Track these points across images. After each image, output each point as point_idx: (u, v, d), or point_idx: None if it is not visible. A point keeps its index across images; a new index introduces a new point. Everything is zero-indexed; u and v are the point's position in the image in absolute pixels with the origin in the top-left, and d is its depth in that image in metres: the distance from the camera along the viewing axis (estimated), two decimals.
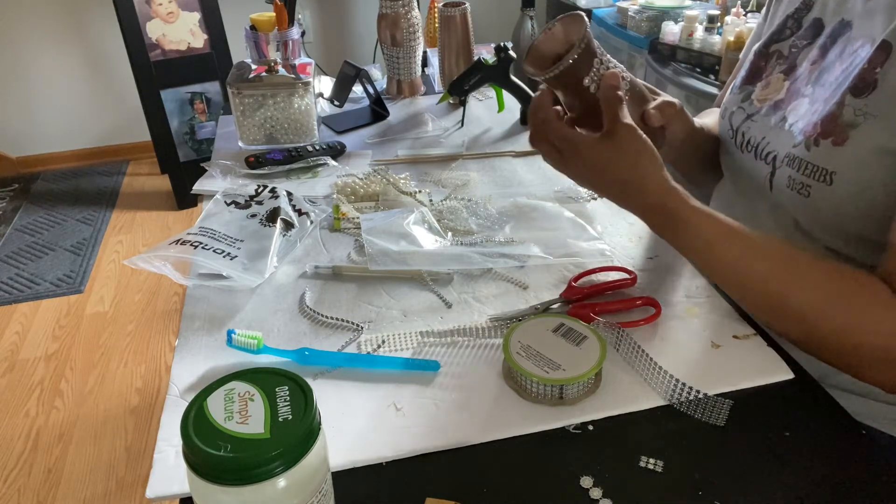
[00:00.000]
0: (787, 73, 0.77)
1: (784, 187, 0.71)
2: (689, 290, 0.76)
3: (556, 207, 0.91)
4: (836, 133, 0.65)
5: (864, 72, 0.65)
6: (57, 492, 1.56)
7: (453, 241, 0.84)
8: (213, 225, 0.86)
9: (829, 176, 0.66)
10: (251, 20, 1.12)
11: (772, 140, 0.75)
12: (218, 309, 0.76)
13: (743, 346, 0.68)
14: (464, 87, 1.20)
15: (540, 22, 3.10)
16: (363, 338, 0.71)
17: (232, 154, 1.13)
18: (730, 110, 0.83)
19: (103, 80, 2.98)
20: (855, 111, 0.65)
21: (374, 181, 1.00)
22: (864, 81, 0.65)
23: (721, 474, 0.55)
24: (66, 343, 2.02)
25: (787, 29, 0.80)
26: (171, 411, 0.62)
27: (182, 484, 0.55)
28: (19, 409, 1.79)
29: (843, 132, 0.65)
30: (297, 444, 0.42)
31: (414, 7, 1.32)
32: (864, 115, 0.64)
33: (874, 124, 0.63)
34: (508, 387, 0.64)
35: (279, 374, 0.46)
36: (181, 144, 2.68)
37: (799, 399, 0.62)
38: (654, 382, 0.62)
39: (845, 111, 0.65)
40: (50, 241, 2.55)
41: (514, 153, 1.12)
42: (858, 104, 0.64)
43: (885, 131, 0.62)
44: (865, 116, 0.64)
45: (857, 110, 0.64)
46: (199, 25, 2.58)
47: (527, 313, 0.72)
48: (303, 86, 1.12)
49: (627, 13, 2.22)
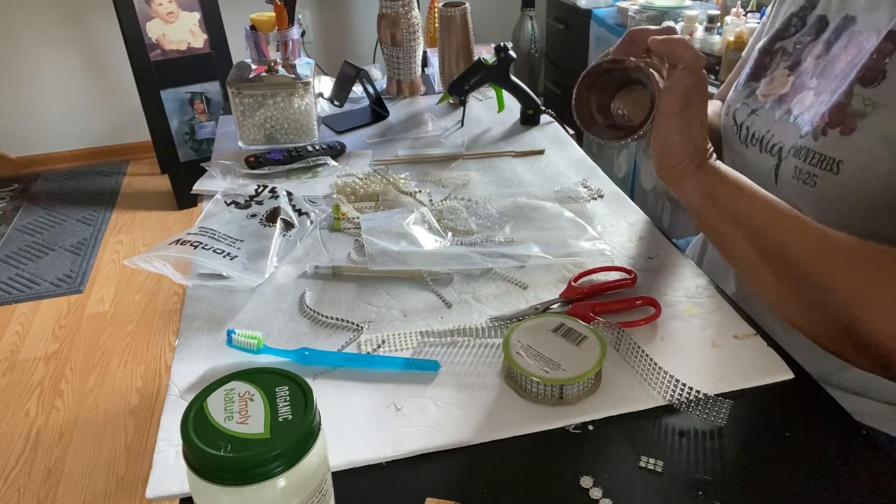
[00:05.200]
0: (792, 69, 0.78)
1: (790, 178, 0.71)
2: (689, 290, 0.76)
3: (556, 207, 0.91)
4: (845, 122, 0.66)
5: (873, 62, 0.65)
6: (57, 492, 1.56)
7: (453, 241, 0.84)
8: (213, 225, 0.86)
9: (837, 165, 0.66)
10: (251, 20, 1.12)
11: (777, 132, 0.75)
12: (218, 309, 0.76)
13: (743, 346, 0.68)
14: (464, 87, 1.20)
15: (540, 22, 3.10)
16: (363, 338, 0.71)
17: (232, 154, 1.13)
18: (734, 107, 0.83)
19: (103, 80, 2.98)
20: (864, 101, 0.65)
21: (374, 181, 1.00)
22: (873, 71, 0.65)
23: (721, 474, 0.54)
24: (66, 343, 2.02)
25: (792, 27, 0.80)
26: (171, 411, 0.62)
27: (182, 484, 0.55)
28: (19, 409, 1.79)
29: (852, 121, 0.65)
30: (297, 444, 0.42)
31: (414, 7, 1.32)
32: (872, 105, 0.64)
33: (883, 114, 0.63)
34: (508, 387, 0.64)
35: (279, 374, 0.46)
36: (181, 144, 2.68)
37: (799, 399, 0.62)
38: (654, 382, 0.62)
39: (854, 101, 0.66)
40: (50, 241, 2.55)
41: (514, 153, 1.12)
42: (867, 94, 0.65)
43: (893, 121, 0.63)
44: (874, 106, 0.64)
45: (866, 100, 0.65)
46: (199, 25, 2.58)
47: (527, 313, 0.72)
48: (303, 86, 1.12)
49: (627, 13, 2.22)
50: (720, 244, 0.69)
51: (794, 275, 0.62)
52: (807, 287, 0.61)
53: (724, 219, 0.65)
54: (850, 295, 0.59)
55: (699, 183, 0.66)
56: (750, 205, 0.64)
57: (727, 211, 0.65)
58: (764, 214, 0.64)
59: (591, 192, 0.98)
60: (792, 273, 0.62)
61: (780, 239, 0.62)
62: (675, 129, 0.64)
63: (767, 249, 0.63)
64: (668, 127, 0.64)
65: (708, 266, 0.93)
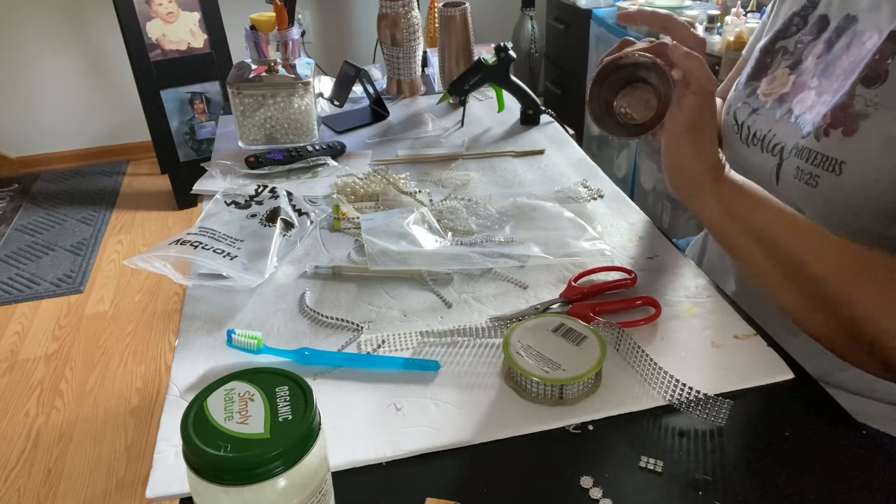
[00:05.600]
0: (793, 68, 0.78)
1: (791, 178, 0.71)
2: (689, 290, 0.76)
3: (556, 207, 0.91)
4: (847, 123, 0.66)
5: (875, 62, 0.65)
6: (57, 492, 1.56)
7: (453, 241, 0.84)
8: (212, 225, 0.86)
9: (839, 166, 0.66)
10: (251, 20, 1.12)
11: (778, 132, 0.75)
12: (218, 309, 0.76)
13: (743, 346, 0.68)
14: (464, 87, 1.20)
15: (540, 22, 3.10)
16: (363, 338, 0.71)
17: (232, 154, 1.13)
18: (734, 106, 0.83)
19: (103, 80, 2.98)
20: (866, 101, 0.65)
21: (374, 181, 1.00)
22: (875, 72, 0.65)
23: (721, 474, 0.54)
24: (66, 343, 2.02)
25: (793, 26, 0.80)
26: (171, 411, 0.62)
27: (182, 484, 0.55)
28: (19, 409, 1.79)
29: (854, 122, 0.65)
30: (297, 444, 0.42)
31: (414, 7, 1.32)
32: (875, 106, 0.64)
33: (885, 115, 0.64)
34: (508, 387, 0.64)
35: (279, 374, 0.46)
36: (181, 144, 2.68)
37: (799, 399, 0.62)
38: (654, 382, 0.62)
39: (856, 101, 0.66)
40: (50, 241, 2.55)
41: (514, 153, 1.12)
42: (869, 94, 0.65)
43: (895, 122, 0.63)
44: (876, 107, 0.64)
45: (868, 101, 0.65)
46: (199, 25, 2.58)
47: (527, 313, 0.72)
48: (303, 86, 1.12)
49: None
50: (739, 258, 0.68)
51: (815, 288, 0.61)
52: (829, 300, 0.61)
53: (742, 232, 0.64)
54: (876, 309, 0.58)
55: (717, 197, 0.64)
56: (768, 217, 0.63)
57: (746, 224, 0.64)
58: (783, 227, 0.63)
59: (591, 192, 0.98)
60: (813, 286, 0.61)
61: (799, 252, 0.62)
62: (685, 147, 0.63)
63: (787, 263, 0.63)
64: (677, 146, 0.63)
65: (708, 266, 0.93)
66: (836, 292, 0.60)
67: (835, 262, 0.61)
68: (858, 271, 0.60)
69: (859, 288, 0.59)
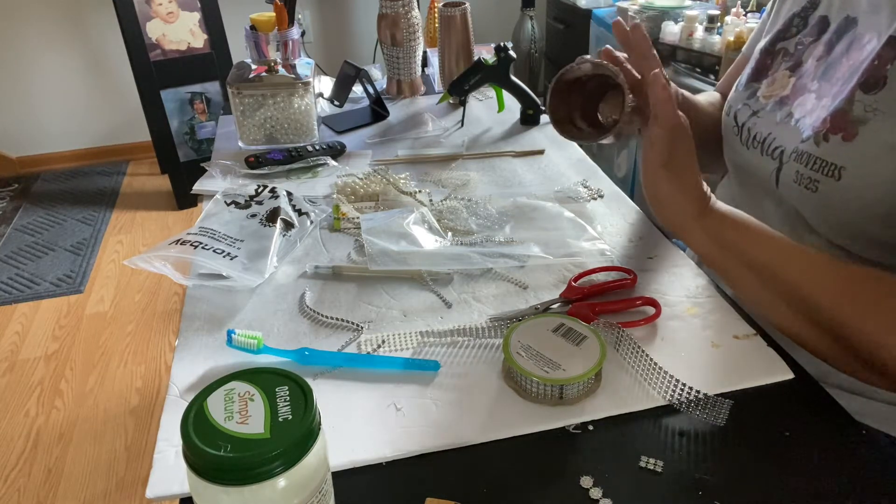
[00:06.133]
0: (793, 70, 0.78)
1: (791, 182, 0.71)
2: (689, 290, 0.76)
3: (556, 207, 0.91)
4: (846, 128, 0.66)
5: (874, 68, 0.65)
6: (57, 492, 1.56)
7: (453, 241, 0.84)
8: (213, 225, 0.86)
9: (838, 171, 0.66)
10: (251, 20, 1.12)
11: (778, 136, 0.75)
12: (218, 309, 0.76)
13: (743, 346, 0.68)
14: (464, 87, 1.20)
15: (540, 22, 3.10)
16: (363, 338, 0.71)
17: (232, 154, 1.13)
18: (734, 108, 0.83)
19: (103, 80, 2.98)
20: (865, 107, 0.65)
21: (374, 181, 1.00)
22: (874, 78, 0.65)
23: (721, 474, 0.54)
24: (66, 343, 2.03)
25: (794, 27, 0.80)
26: (171, 411, 0.62)
27: (182, 484, 0.55)
28: (19, 409, 1.79)
29: (853, 128, 0.65)
30: (297, 444, 0.42)
31: (414, 7, 1.32)
32: (874, 112, 0.64)
33: (884, 121, 0.63)
34: (508, 387, 0.64)
35: (279, 374, 0.46)
36: (181, 144, 2.68)
37: (799, 399, 0.62)
38: (654, 382, 0.62)
39: (855, 107, 0.66)
40: (50, 241, 2.55)
41: (514, 153, 1.12)
42: (868, 100, 0.65)
43: (894, 128, 0.63)
44: (875, 113, 0.64)
45: (867, 106, 0.65)
46: (199, 25, 2.58)
47: (527, 313, 0.72)
48: (303, 86, 1.12)
49: (627, 13, 2.22)
50: (733, 285, 0.70)
51: (811, 309, 0.62)
52: (825, 319, 0.62)
53: (733, 261, 0.66)
54: (874, 327, 0.59)
55: (704, 229, 0.67)
56: (757, 244, 0.65)
57: (736, 253, 0.66)
58: (772, 253, 0.65)
59: (591, 192, 0.98)
60: (810, 308, 0.62)
61: (791, 276, 0.63)
62: (664, 182, 0.66)
63: (780, 288, 0.64)
64: (654, 181, 0.67)
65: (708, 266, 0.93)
66: (833, 313, 0.61)
67: (828, 284, 0.62)
68: (854, 292, 0.61)
69: (855, 309, 0.60)
